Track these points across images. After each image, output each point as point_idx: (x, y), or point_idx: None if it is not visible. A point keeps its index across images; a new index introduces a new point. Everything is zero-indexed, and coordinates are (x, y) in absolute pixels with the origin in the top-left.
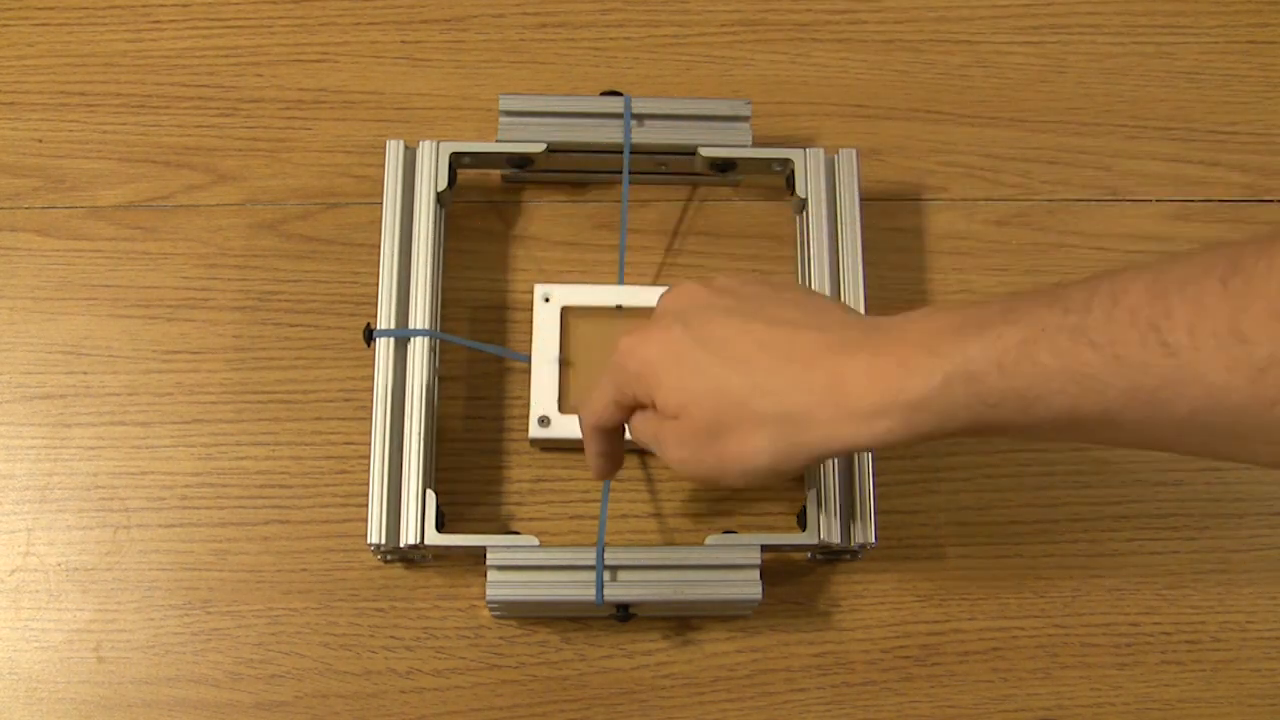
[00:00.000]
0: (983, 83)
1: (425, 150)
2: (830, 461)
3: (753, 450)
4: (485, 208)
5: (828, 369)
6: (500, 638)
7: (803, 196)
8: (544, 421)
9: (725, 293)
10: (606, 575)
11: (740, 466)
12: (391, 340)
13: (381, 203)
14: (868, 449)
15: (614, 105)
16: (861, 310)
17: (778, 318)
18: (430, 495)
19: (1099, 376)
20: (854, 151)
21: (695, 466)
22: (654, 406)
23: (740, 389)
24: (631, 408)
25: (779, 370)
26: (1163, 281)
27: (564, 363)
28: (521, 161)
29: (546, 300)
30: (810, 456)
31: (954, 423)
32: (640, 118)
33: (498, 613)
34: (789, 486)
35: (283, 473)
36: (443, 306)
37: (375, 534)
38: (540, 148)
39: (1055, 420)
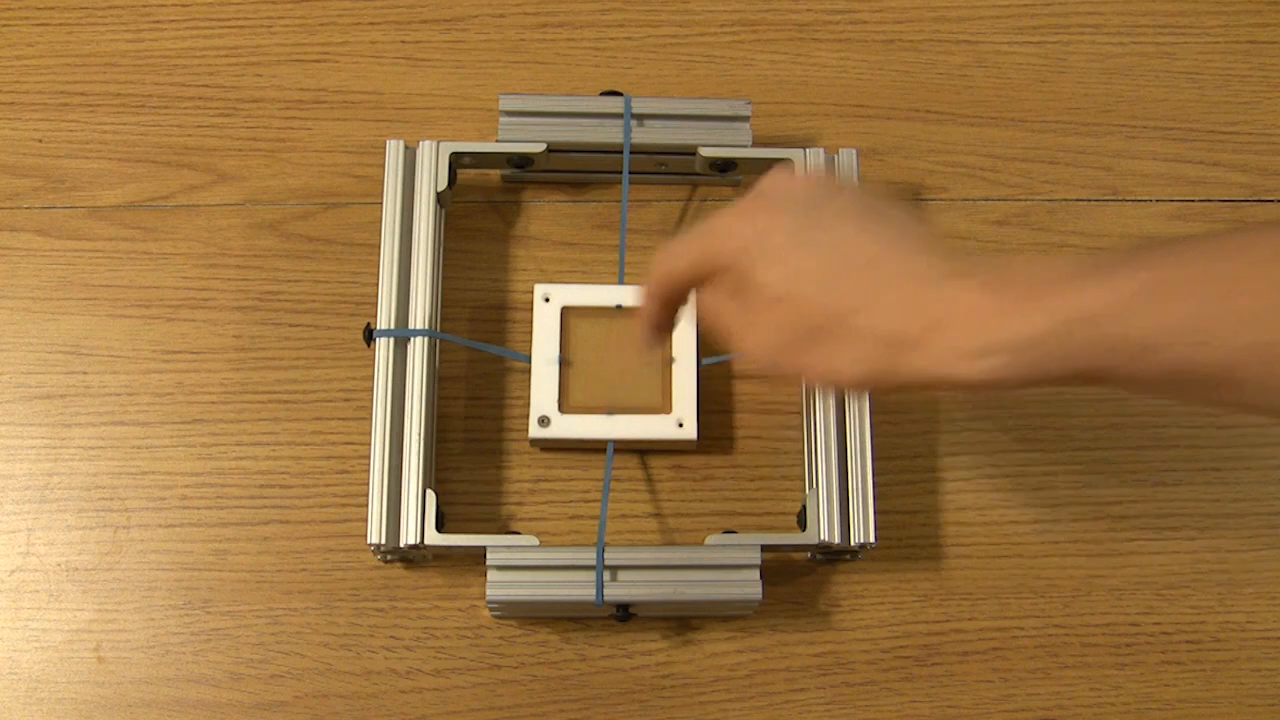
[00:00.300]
0: (983, 83)
1: (425, 150)
2: (830, 461)
3: (847, 363)
4: (485, 208)
5: (941, 298)
6: (500, 638)
7: None
8: (544, 421)
9: (838, 193)
10: (606, 575)
11: (829, 376)
12: (391, 340)
13: (381, 203)
14: (968, 386)
15: (614, 105)
16: None
17: (890, 233)
18: (430, 495)
19: (1220, 331)
20: (854, 151)
21: (776, 359)
22: (742, 287)
23: (847, 300)
24: (706, 278)
25: (890, 289)
26: None
27: (564, 363)
28: (521, 161)
29: (546, 300)
30: (905, 383)
31: (1062, 366)
32: (640, 118)
33: (498, 613)
34: (789, 486)
35: (283, 473)
36: (443, 306)
37: (375, 534)
38: (540, 148)
39: (1170, 371)
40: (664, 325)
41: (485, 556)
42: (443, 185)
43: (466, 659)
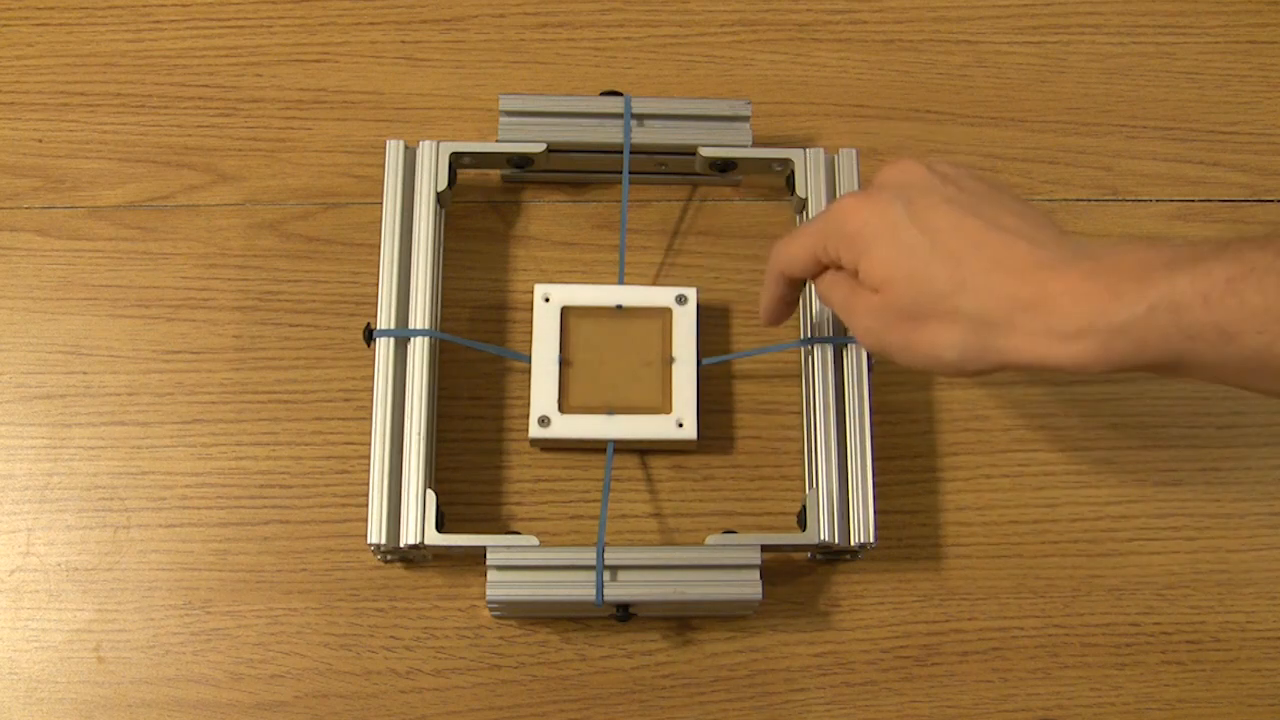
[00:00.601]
0: (983, 83)
1: (425, 150)
2: (830, 461)
3: (945, 343)
4: (485, 208)
5: (1037, 282)
6: (500, 638)
7: (803, 196)
8: (544, 421)
9: (948, 181)
10: (606, 575)
11: (928, 355)
12: (391, 340)
13: (381, 203)
14: (1059, 369)
15: (614, 105)
16: None
17: (995, 220)
18: (430, 495)
19: None
20: (854, 151)
21: (881, 341)
22: (854, 272)
23: (946, 281)
24: (825, 265)
25: (988, 273)
26: None
27: (564, 363)
28: (521, 161)
29: (546, 300)
30: (999, 363)
31: (1151, 352)
32: (640, 118)
33: (498, 613)
34: (789, 486)
35: (283, 473)
36: (443, 306)
37: (375, 534)
38: (540, 148)
39: (1250, 359)
40: (788, 302)
41: (485, 556)
42: (443, 185)
43: (466, 659)
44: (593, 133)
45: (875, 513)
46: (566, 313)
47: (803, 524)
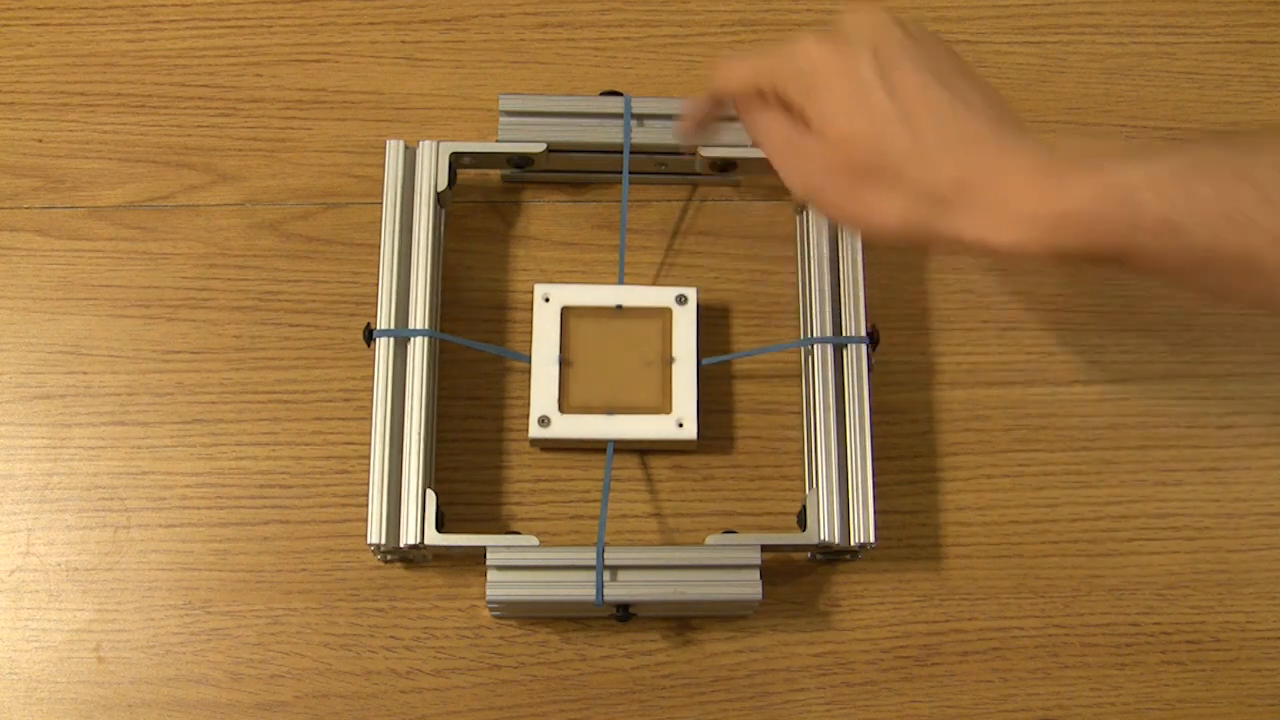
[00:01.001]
0: None
1: (425, 150)
2: (830, 461)
3: (887, 209)
4: (485, 208)
5: (990, 163)
6: (500, 638)
7: None
8: (544, 421)
9: (920, 43)
10: (606, 575)
11: (865, 218)
12: (391, 340)
13: (381, 203)
14: (1001, 251)
15: (614, 105)
16: (861, 306)
17: (962, 95)
18: (430, 495)
19: (1249, 215)
20: None
21: (817, 193)
22: (799, 112)
23: (904, 149)
24: (764, 95)
25: (946, 147)
26: None
27: (564, 363)
28: (521, 161)
29: (546, 300)
30: (940, 240)
31: (1096, 242)
32: (640, 118)
33: (498, 613)
34: (789, 486)
35: (283, 473)
36: (443, 306)
37: (375, 534)
38: (540, 148)
39: (1195, 253)
40: (707, 123)
41: (485, 556)
42: (443, 185)
43: (466, 659)
44: (593, 133)
45: (875, 513)
46: (566, 313)
47: (803, 524)
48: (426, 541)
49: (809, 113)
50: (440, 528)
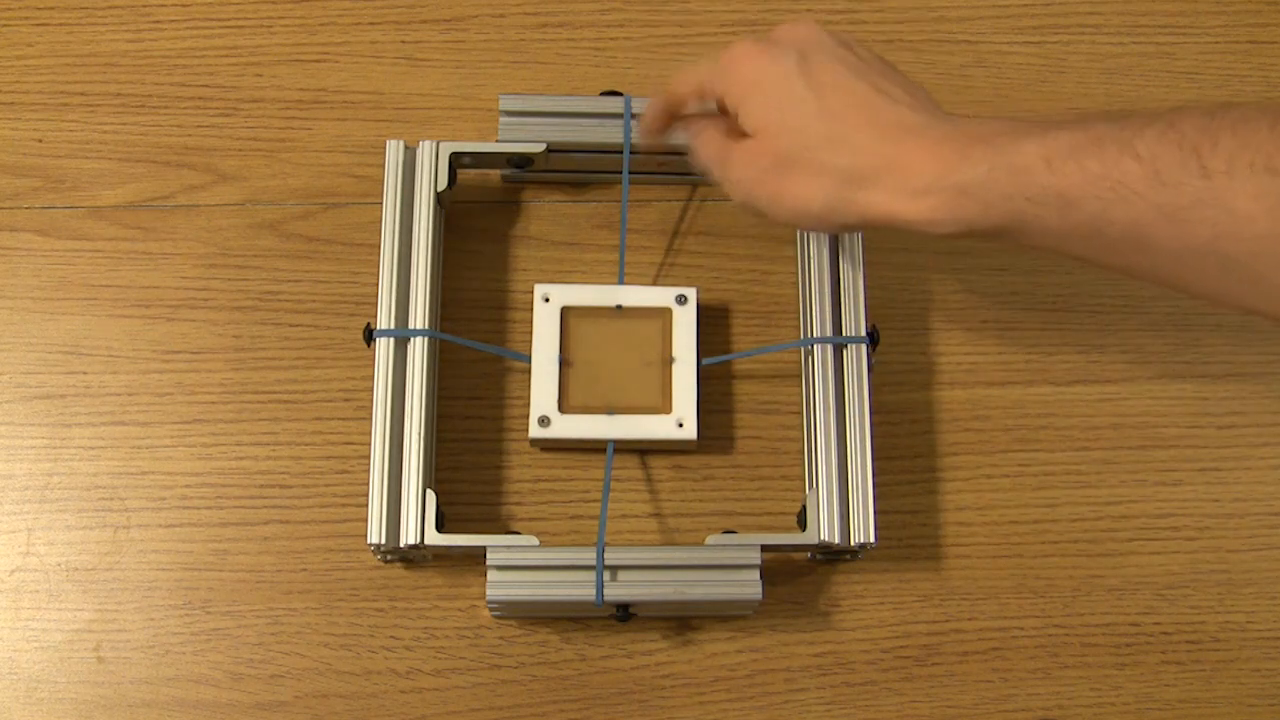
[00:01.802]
0: (983, 83)
1: (425, 150)
2: (830, 461)
3: (811, 195)
4: (485, 208)
5: (900, 142)
6: (500, 638)
7: None
8: (544, 421)
9: (843, 44)
10: (606, 575)
11: (793, 208)
12: (391, 340)
13: (381, 203)
14: (910, 225)
15: (614, 105)
16: (861, 306)
17: (879, 85)
18: (430, 495)
19: (1135, 187)
20: None
21: (751, 192)
22: (734, 115)
23: (822, 135)
24: (704, 99)
25: (860, 130)
26: (1218, 119)
27: (564, 363)
28: (521, 161)
29: (546, 300)
30: (858, 217)
31: (994, 214)
32: (640, 118)
33: (498, 613)
34: (789, 486)
35: (283, 473)
36: (443, 306)
37: (375, 534)
38: (540, 148)
39: (1086, 226)
40: (659, 126)
41: (485, 556)
42: (443, 185)
43: (466, 659)
44: (593, 133)
45: (875, 513)
46: (566, 313)
47: (803, 524)
48: (426, 541)
49: (740, 112)
50: (440, 528)
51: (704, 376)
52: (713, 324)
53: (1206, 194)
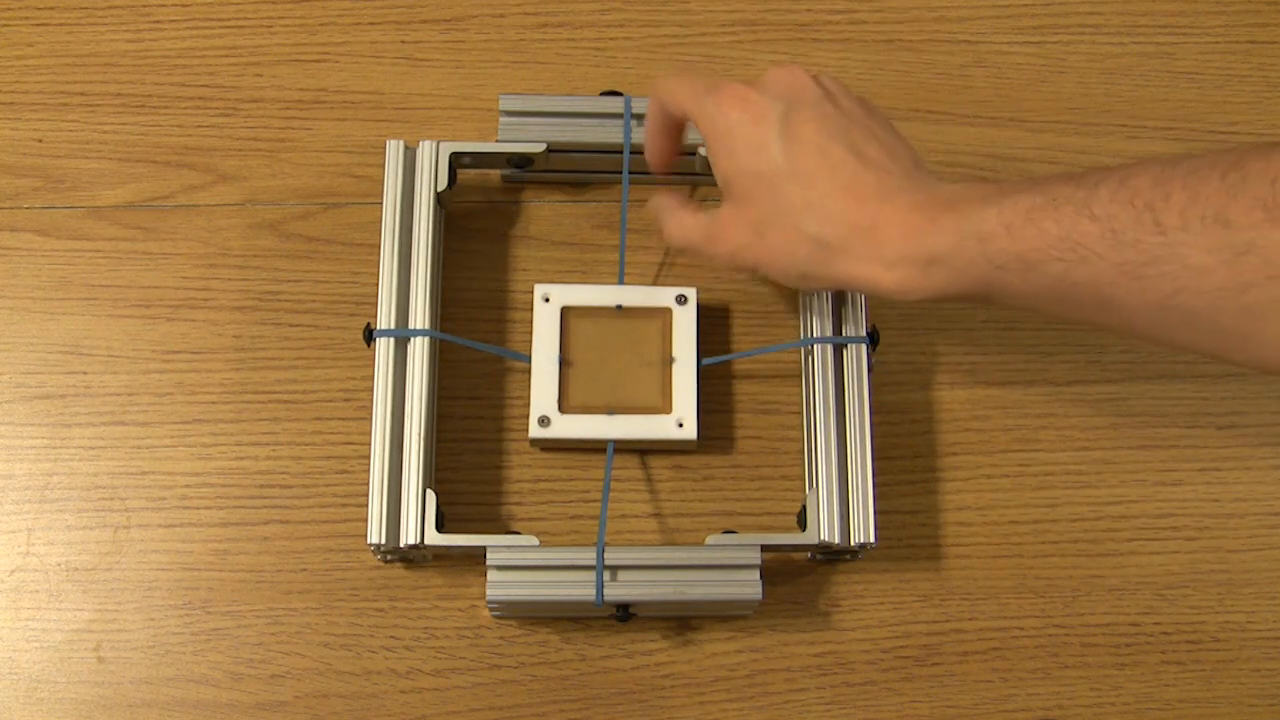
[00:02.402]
0: (983, 83)
1: (425, 150)
2: (830, 461)
3: (788, 259)
4: (485, 208)
5: (873, 211)
6: (500, 638)
7: None
8: (544, 421)
9: (827, 98)
10: (606, 575)
11: (777, 267)
12: (391, 340)
13: (381, 203)
14: (887, 294)
15: (614, 105)
16: (861, 306)
17: (856, 147)
18: (430, 495)
19: (1094, 247)
20: None
21: (737, 258)
22: (705, 158)
23: (798, 201)
24: (684, 118)
25: (834, 198)
26: (1169, 172)
27: (564, 363)
28: (521, 161)
29: (546, 300)
30: (836, 283)
31: (966, 281)
32: (640, 118)
33: (498, 613)
34: (789, 486)
35: (283, 473)
36: (443, 306)
37: (375, 534)
38: (540, 148)
39: (1052, 288)
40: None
41: (485, 556)
42: (443, 185)
43: (466, 659)
44: (593, 133)
45: (875, 513)
46: (566, 313)
47: (803, 524)
48: (426, 541)
49: (712, 150)
50: (440, 528)
51: (704, 376)
52: (713, 324)
53: (1163, 250)
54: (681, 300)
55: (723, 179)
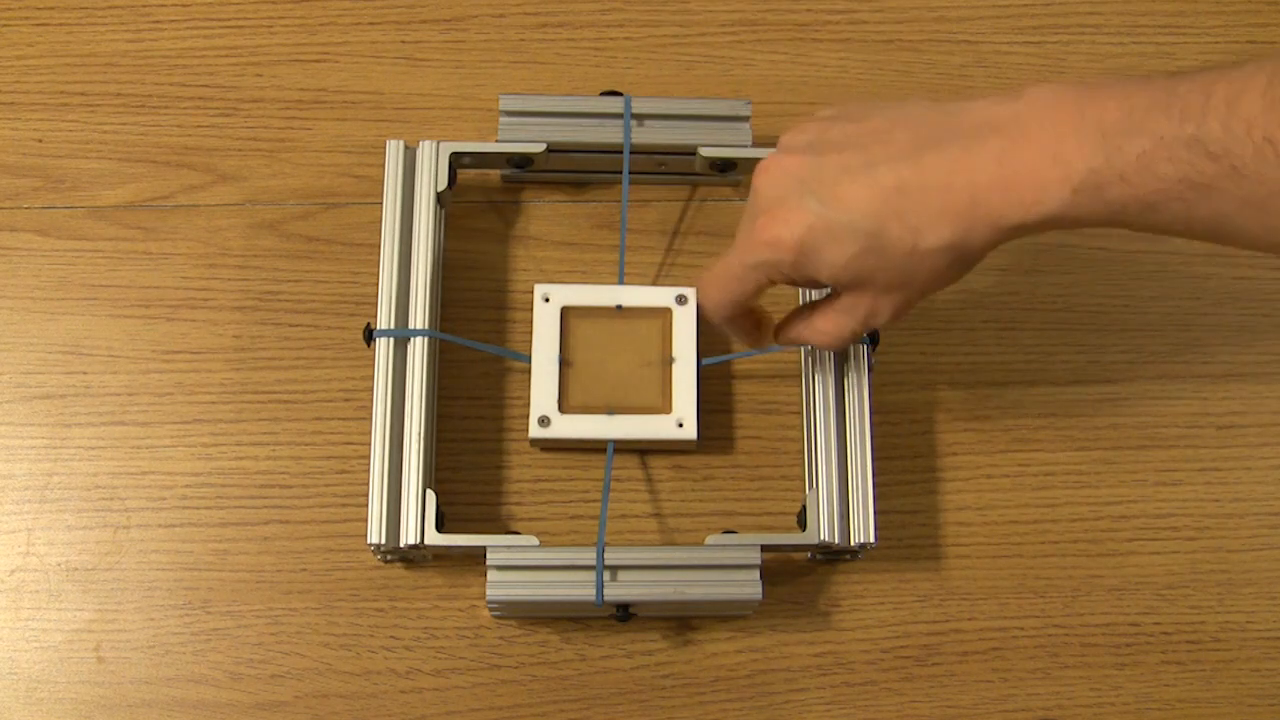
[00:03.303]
0: (983, 83)
1: (425, 150)
2: (830, 461)
3: (887, 307)
4: (485, 208)
5: (969, 203)
6: (500, 638)
7: None
8: (544, 421)
9: (834, 146)
10: (606, 575)
11: (880, 318)
12: (391, 340)
13: (381, 203)
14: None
15: (614, 105)
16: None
17: (893, 167)
18: (430, 495)
19: (1215, 186)
20: None
21: (856, 336)
22: (806, 281)
23: (880, 264)
24: (769, 284)
25: (902, 240)
26: (1277, 89)
27: (564, 363)
28: (521, 161)
29: (546, 300)
30: (993, 241)
31: (1085, 225)
32: (640, 118)
33: (498, 613)
34: (789, 486)
35: (283, 473)
36: (443, 306)
37: (375, 534)
38: (540, 148)
39: (1172, 223)
40: (756, 329)
41: (485, 556)
42: (443, 185)
43: (466, 659)
44: (593, 133)
45: (875, 513)
46: (566, 313)
47: (803, 524)
48: (426, 541)
49: (820, 278)
50: (440, 528)
51: (704, 376)
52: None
53: None
54: (681, 300)
55: (833, 282)
